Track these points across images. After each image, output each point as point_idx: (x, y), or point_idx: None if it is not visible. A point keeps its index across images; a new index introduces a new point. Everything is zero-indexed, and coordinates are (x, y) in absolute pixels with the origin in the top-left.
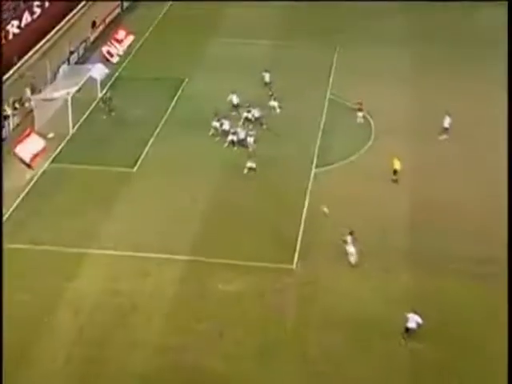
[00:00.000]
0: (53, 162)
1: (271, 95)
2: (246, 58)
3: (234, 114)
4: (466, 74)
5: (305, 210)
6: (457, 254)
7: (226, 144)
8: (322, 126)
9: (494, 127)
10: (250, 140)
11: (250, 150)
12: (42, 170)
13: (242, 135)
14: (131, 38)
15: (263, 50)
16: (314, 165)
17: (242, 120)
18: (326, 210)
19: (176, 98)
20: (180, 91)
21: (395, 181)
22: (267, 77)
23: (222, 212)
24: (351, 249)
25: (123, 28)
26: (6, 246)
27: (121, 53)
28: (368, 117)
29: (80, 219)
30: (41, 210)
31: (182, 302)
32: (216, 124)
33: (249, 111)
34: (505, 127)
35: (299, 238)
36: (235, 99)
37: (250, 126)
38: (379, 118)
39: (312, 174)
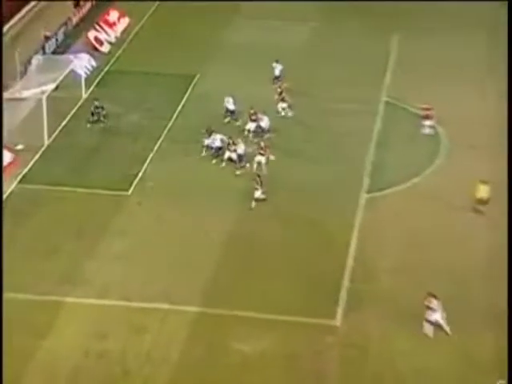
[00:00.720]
0: (22, 181)
1: (280, 93)
2: (275, 46)
3: (227, 121)
4: None
5: (352, 247)
6: None
7: (223, 163)
8: (375, 138)
9: None
10: (261, 160)
11: (256, 171)
12: (7, 192)
13: (241, 150)
14: (126, 20)
15: (298, 35)
16: (364, 189)
17: (246, 131)
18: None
19: (184, 99)
20: (189, 91)
21: (478, 212)
22: (278, 70)
23: (242, 250)
24: (435, 316)
25: (116, 8)
26: None
27: (113, 40)
28: (437, 126)
29: (57, 258)
30: (6, 244)
31: (188, 368)
32: (208, 141)
33: (254, 119)
34: None
35: (344, 285)
36: (231, 104)
37: (261, 143)
38: (452, 128)
39: (361, 201)
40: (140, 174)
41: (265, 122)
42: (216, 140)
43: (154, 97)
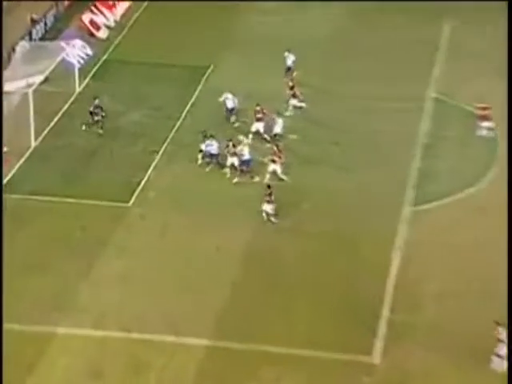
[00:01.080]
0: (4, 190)
1: (292, 88)
2: (297, 35)
3: (237, 125)
4: None
5: (392, 270)
6: None
7: (228, 173)
8: (421, 141)
9: None
10: (276, 168)
11: (268, 181)
12: None
13: (246, 155)
14: (127, 2)
15: (328, 21)
16: (407, 201)
17: (252, 134)
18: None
19: (195, 95)
20: (201, 85)
21: None
22: (290, 60)
23: (261, 271)
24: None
25: None
26: None
27: (111, 24)
28: (496, 128)
29: (45, 280)
30: None
31: None
32: (202, 147)
33: (259, 118)
34: None
35: (383, 315)
36: (231, 101)
37: (273, 147)
38: None
39: (404, 216)
40: (143, 183)
41: (278, 125)
42: (211, 146)
43: (160, 92)
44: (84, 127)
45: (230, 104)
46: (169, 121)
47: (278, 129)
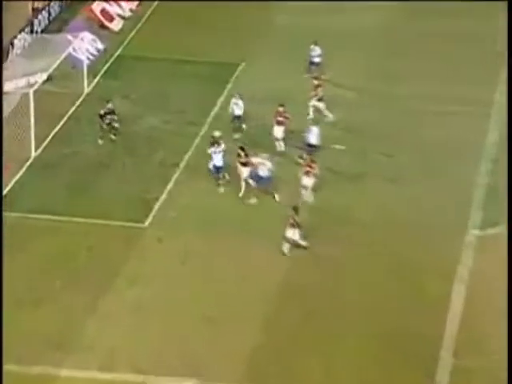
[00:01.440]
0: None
1: (317, 87)
2: (339, 26)
3: (236, 136)
4: None
5: (454, 306)
6: None
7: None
8: (487, 152)
9: None
10: (307, 183)
11: (302, 200)
12: None
13: (265, 170)
14: None
15: (372, 14)
16: (472, 223)
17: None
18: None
19: (223, 96)
20: (230, 85)
21: None
22: (316, 54)
23: (296, 305)
24: None
25: None
26: None
27: (126, 14)
28: None
29: (46, 313)
30: None
31: None
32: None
33: (280, 121)
34: None
35: (443, 360)
36: (238, 108)
37: (305, 156)
38: None
39: (468, 240)
40: (161, 200)
41: (313, 134)
42: (215, 154)
43: (182, 93)
44: (101, 141)
45: (237, 111)
46: (192, 127)
47: (312, 139)
